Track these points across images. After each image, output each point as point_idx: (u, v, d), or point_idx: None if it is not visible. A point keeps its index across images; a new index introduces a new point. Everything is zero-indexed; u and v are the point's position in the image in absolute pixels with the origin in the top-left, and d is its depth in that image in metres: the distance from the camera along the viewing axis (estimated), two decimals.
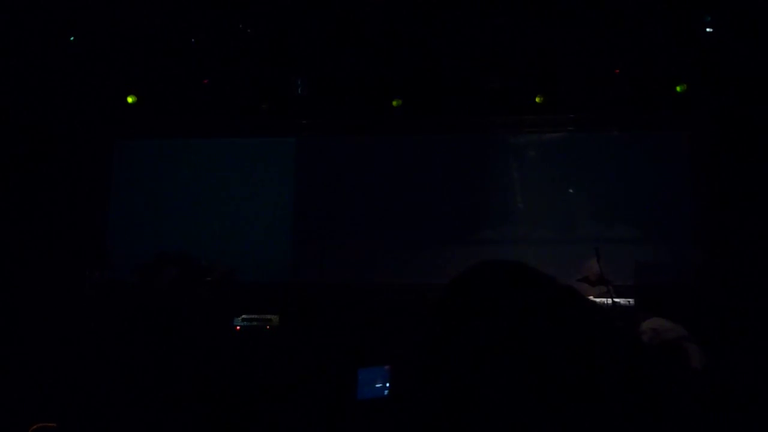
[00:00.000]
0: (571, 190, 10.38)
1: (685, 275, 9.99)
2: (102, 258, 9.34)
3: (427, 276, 9.72)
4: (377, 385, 2.82)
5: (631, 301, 7.94)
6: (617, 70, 9.80)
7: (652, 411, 0.99)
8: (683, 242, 10.03)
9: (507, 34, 9.31)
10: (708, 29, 8.90)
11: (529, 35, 9.35)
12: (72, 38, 9.41)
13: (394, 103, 10.41)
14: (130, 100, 10.55)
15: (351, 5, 9.02)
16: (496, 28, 9.27)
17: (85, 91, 10.14)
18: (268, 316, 9.18)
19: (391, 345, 8.53)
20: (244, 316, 9.19)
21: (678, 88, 9.74)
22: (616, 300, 7.65)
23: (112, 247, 10.40)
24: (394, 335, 8.51)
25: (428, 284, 9.20)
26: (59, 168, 10.11)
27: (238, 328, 9.08)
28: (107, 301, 9.18)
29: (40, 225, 9.14)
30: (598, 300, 7.73)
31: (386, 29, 9.22)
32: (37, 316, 7.92)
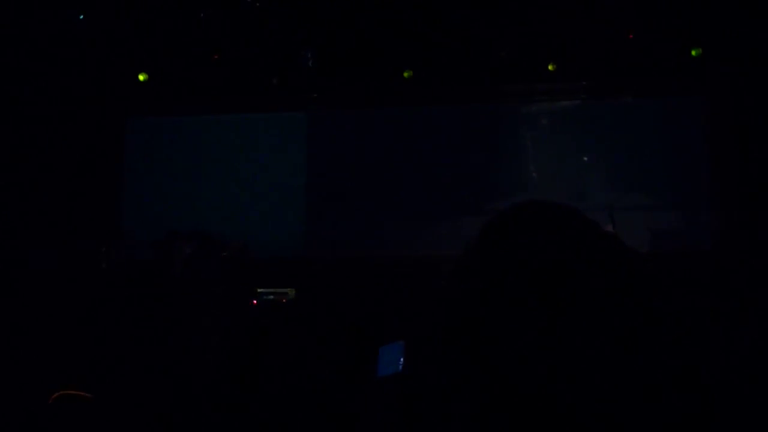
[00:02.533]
0: (585, 158, 10.30)
1: (702, 242, 9.92)
2: (117, 236, 9.38)
3: (440, 247, 9.70)
4: (395, 361, 2.82)
5: None
6: (630, 35, 9.67)
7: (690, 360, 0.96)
8: (699, 209, 9.96)
9: (518, 1, 9.21)
10: None
11: (540, 1, 9.24)
12: (81, 16, 9.39)
13: (405, 74, 10.32)
14: (141, 77, 10.53)
15: None
16: None
17: (96, 70, 10.12)
18: (285, 290, 9.22)
19: (406, 317, 8.55)
20: (260, 290, 9.23)
21: (693, 52, 9.60)
22: None
23: (127, 224, 10.45)
24: (408, 307, 8.52)
25: (441, 255, 9.19)
26: (72, 147, 10.13)
27: (255, 302, 9.12)
28: (123, 278, 9.25)
29: (55, 204, 9.18)
30: None
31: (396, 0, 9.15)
32: (53, 294, 7.98)
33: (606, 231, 1.06)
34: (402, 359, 2.82)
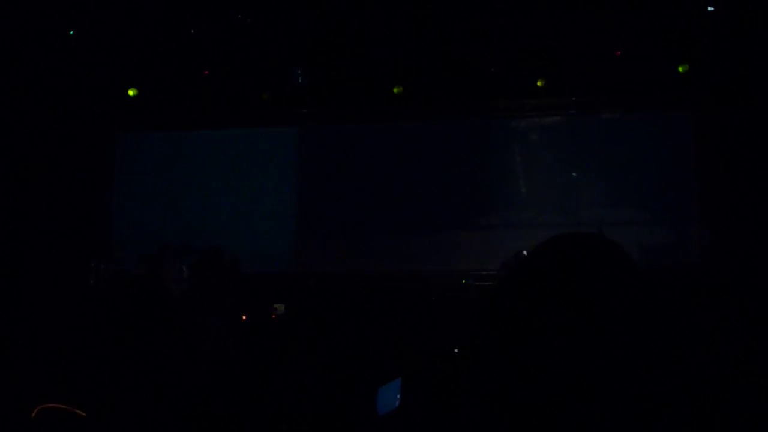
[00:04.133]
0: (574, 174, 10.35)
1: (691, 257, 9.97)
2: (107, 250, 9.35)
3: (431, 263, 9.73)
4: (393, 398, 2.85)
5: None
6: (618, 52, 9.75)
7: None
8: (688, 224, 10.01)
9: (507, 17, 9.27)
10: (709, 8, 8.85)
11: (529, 18, 9.31)
12: (72, 32, 9.39)
13: (395, 90, 10.37)
14: (131, 93, 10.54)
15: None
16: (496, 12, 9.23)
17: (86, 85, 10.12)
18: (275, 305, 9.20)
19: (397, 332, 8.54)
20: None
21: (680, 69, 9.68)
22: None
23: (117, 239, 10.42)
24: (399, 322, 8.52)
25: (432, 271, 9.22)
26: (63, 162, 10.11)
27: (244, 317, 9.10)
28: (113, 292, 9.21)
29: (45, 219, 9.15)
30: None
31: (386, 16, 9.19)
32: (43, 308, 7.93)
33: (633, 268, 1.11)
34: (399, 395, 2.83)
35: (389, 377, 2.81)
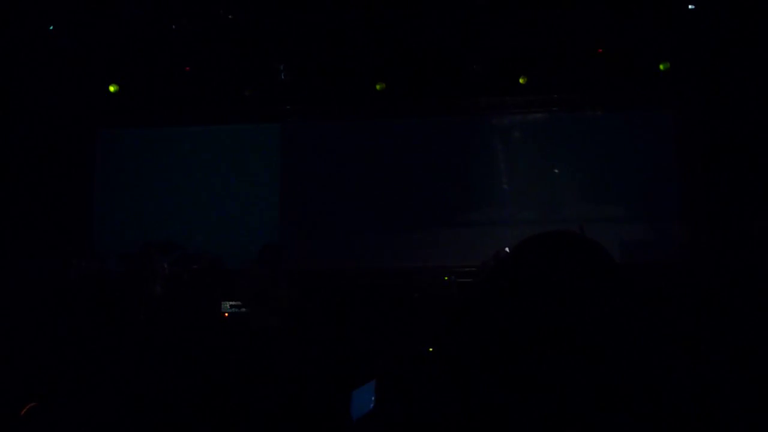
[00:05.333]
0: (556, 171, 10.39)
1: (672, 254, 10.04)
2: (87, 247, 9.28)
3: (414, 260, 9.74)
4: (367, 401, 2.85)
5: None
6: (600, 50, 9.79)
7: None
8: (669, 221, 10.08)
9: (489, 14, 9.28)
10: (690, 6, 8.91)
11: (511, 15, 9.32)
12: (51, 27, 9.30)
13: (378, 86, 10.36)
14: (112, 88, 10.45)
15: None
16: (478, 9, 9.23)
17: (66, 81, 10.03)
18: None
19: (378, 328, 8.55)
20: (231, 302, 9.18)
21: (661, 66, 9.74)
22: None
23: (98, 236, 10.34)
24: (381, 319, 8.52)
25: (414, 267, 9.23)
26: (43, 158, 10.02)
27: (226, 314, 9.07)
28: (93, 290, 9.16)
29: (25, 215, 9.06)
30: None
31: (368, 12, 9.17)
32: (23, 305, 7.87)
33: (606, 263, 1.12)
34: (373, 398, 2.84)
35: (364, 379, 2.81)
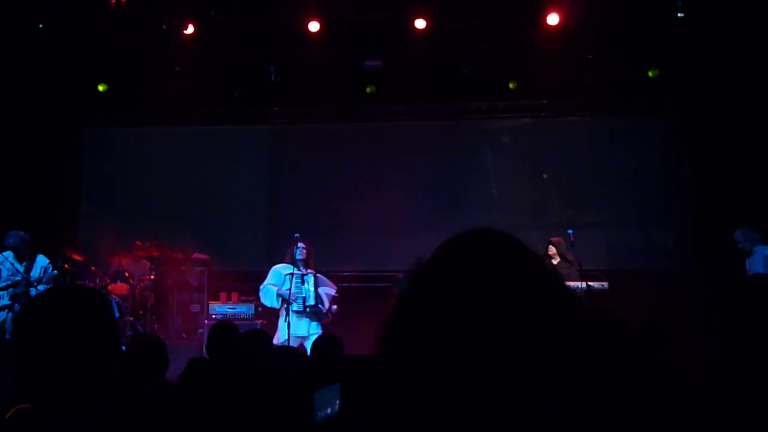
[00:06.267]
0: (545, 175, 10.41)
1: (659, 259, 10.09)
2: (75, 247, 9.22)
3: (401, 263, 9.71)
4: (331, 403, 2.85)
5: (605, 284, 8.00)
6: (590, 56, 9.83)
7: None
8: (657, 227, 10.12)
9: (480, 19, 9.31)
10: (679, 14, 8.96)
11: (501, 20, 9.36)
12: (41, 25, 9.26)
13: (368, 89, 10.37)
14: (100, 88, 10.40)
15: None
16: (469, 13, 9.26)
17: (54, 79, 9.98)
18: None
19: (367, 332, 8.54)
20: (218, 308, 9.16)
21: (650, 73, 9.79)
22: (590, 284, 7.72)
23: (85, 236, 10.27)
24: (369, 322, 8.52)
25: (402, 271, 9.21)
26: (29, 157, 9.96)
27: (213, 316, 9.04)
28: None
29: (12, 216, 8.98)
30: (571, 284, 7.81)
31: (358, 15, 9.19)
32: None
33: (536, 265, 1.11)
34: (338, 401, 2.83)
35: (328, 381, 2.81)
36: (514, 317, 0.99)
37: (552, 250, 8.39)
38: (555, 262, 8.44)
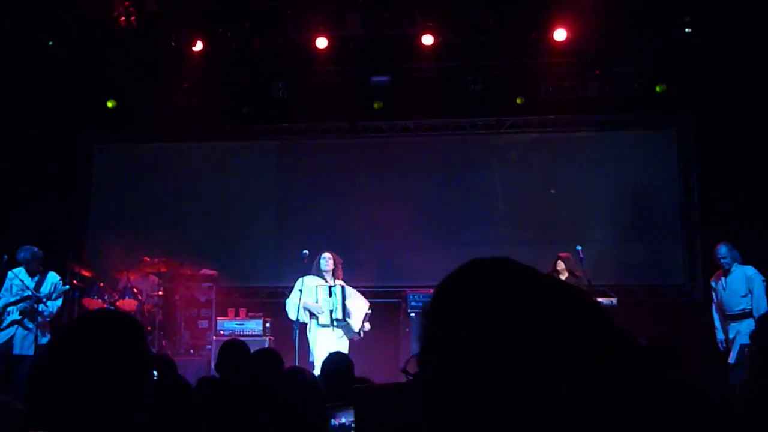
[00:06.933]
0: (552, 191, 10.38)
1: (668, 275, 10.04)
2: (83, 264, 9.24)
3: (410, 279, 9.71)
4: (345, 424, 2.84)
5: (614, 300, 7.97)
6: (597, 71, 9.85)
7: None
8: (665, 242, 10.07)
9: (487, 34, 9.35)
10: (687, 29, 8.97)
11: (508, 36, 9.39)
12: (51, 42, 9.33)
13: (375, 105, 10.40)
14: (110, 104, 10.47)
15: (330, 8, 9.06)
16: (476, 29, 9.30)
17: (63, 96, 10.04)
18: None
19: (376, 347, 8.51)
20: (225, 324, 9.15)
21: (657, 88, 9.80)
22: (599, 300, 7.68)
23: (92, 251, 10.27)
24: (378, 338, 8.49)
25: (411, 287, 9.20)
26: (39, 173, 9.99)
27: (221, 332, 9.03)
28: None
29: (21, 232, 9.01)
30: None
31: (365, 31, 9.23)
32: None
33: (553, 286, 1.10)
34: (353, 422, 2.82)
35: (344, 404, 2.80)
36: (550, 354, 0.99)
37: (560, 265, 8.38)
38: (563, 277, 8.43)
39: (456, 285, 1.12)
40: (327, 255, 7.79)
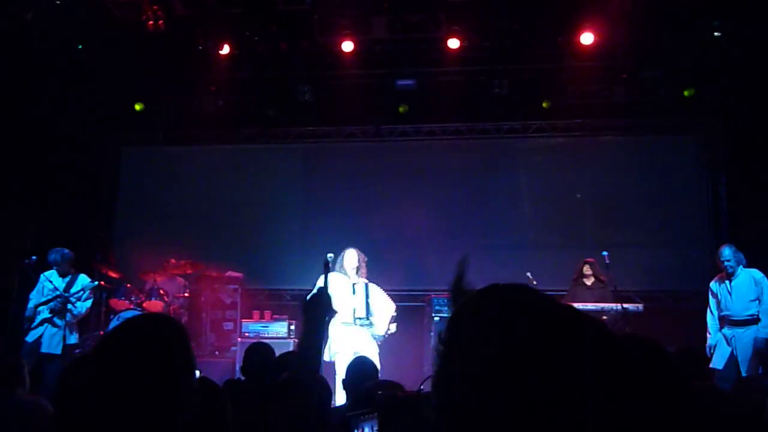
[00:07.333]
0: (579, 195, 10.32)
1: (695, 280, 9.92)
2: (111, 265, 9.32)
3: (435, 282, 9.68)
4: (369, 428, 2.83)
5: (640, 306, 7.89)
6: (624, 75, 9.78)
7: None
8: (693, 247, 9.95)
9: (513, 38, 9.32)
10: (716, 33, 8.88)
11: (536, 39, 9.36)
12: (80, 46, 9.44)
13: (401, 109, 10.40)
14: (137, 107, 10.58)
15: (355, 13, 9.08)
16: (501, 33, 9.28)
17: (92, 99, 10.15)
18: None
19: (401, 349, 8.49)
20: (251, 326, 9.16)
21: (686, 92, 9.71)
22: (625, 306, 7.61)
23: (119, 254, 10.35)
24: (402, 341, 8.47)
25: (435, 291, 9.17)
26: (67, 176, 10.09)
27: (246, 334, 9.06)
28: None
29: (49, 234, 9.10)
30: (606, 306, 7.72)
31: (391, 35, 9.24)
32: None
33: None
34: (376, 426, 2.81)
35: (367, 412, 2.79)
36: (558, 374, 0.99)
37: (587, 270, 8.33)
38: (589, 283, 8.38)
39: (473, 313, 1.11)
40: (351, 251, 7.61)
